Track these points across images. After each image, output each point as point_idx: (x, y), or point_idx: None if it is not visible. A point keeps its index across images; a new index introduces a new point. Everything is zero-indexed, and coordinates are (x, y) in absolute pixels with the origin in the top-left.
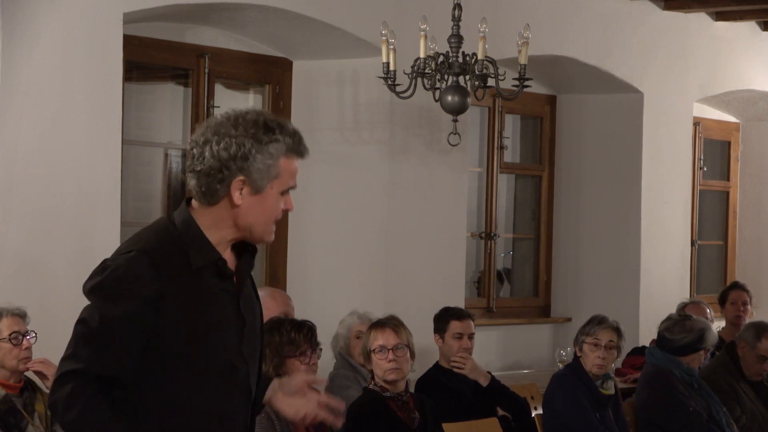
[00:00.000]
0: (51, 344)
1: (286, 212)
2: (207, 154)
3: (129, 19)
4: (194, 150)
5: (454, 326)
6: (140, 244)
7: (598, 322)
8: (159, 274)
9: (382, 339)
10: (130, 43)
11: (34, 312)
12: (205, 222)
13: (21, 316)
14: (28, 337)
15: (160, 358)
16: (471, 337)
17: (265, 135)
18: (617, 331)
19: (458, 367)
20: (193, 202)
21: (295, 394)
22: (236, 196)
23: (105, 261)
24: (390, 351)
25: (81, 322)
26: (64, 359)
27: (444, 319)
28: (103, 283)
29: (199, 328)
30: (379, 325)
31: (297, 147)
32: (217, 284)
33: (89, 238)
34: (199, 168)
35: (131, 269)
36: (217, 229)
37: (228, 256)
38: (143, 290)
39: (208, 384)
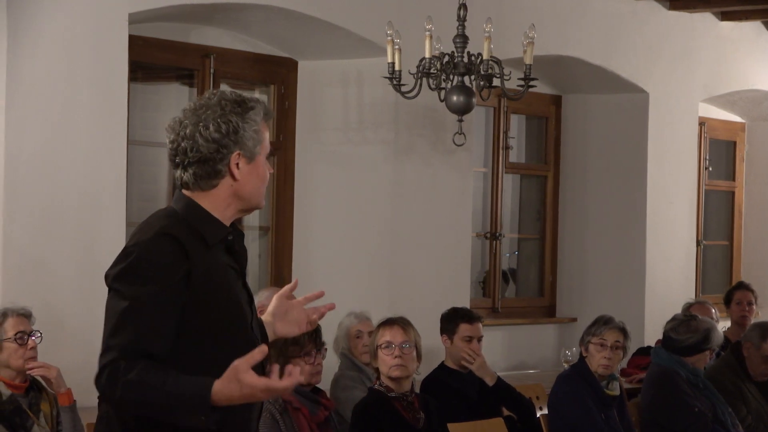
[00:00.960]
0: (56, 344)
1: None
2: (200, 141)
3: (134, 19)
4: (182, 144)
5: (464, 329)
6: (156, 228)
7: (604, 322)
8: (184, 251)
9: (389, 335)
10: (135, 43)
11: (39, 312)
12: (205, 206)
13: (26, 316)
14: (33, 337)
15: (190, 334)
16: (480, 339)
17: (241, 107)
18: (623, 331)
19: (468, 362)
20: (189, 192)
21: (287, 314)
22: (235, 170)
23: (127, 247)
24: (396, 347)
25: (115, 311)
26: (103, 353)
27: (453, 320)
28: (132, 267)
29: (223, 301)
30: (388, 322)
31: (268, 111)
32: (227, 260)
33: (94, 238)
34: (196, 157)
35: (158, 250)
36: (218, 210)
37: None
38: (172, 269)
39: (235, 356)
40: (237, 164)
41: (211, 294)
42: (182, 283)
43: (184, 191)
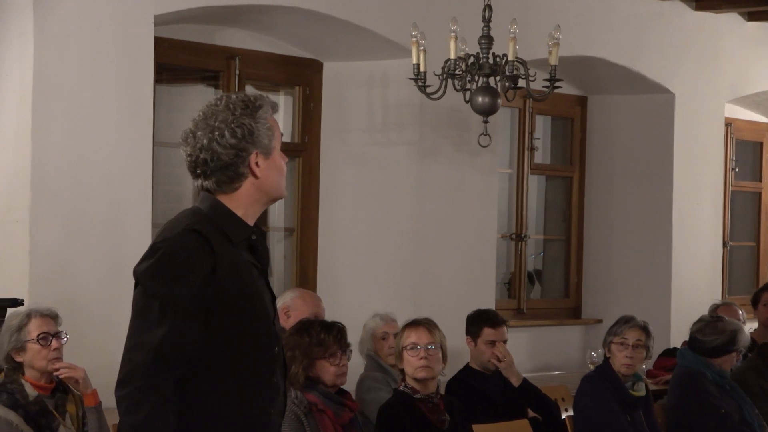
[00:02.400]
0: (82, 345)
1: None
2: (219, 149)
3: (159, 21)
4: (201, 155)
5: (488, 333)
6: (183, 225)
7: (624, 321)
8: (211, 248)
9: (415, 337)
10: (160, 45)
11: (65, 313)
12: (230, 206)
13: (52, 317)
14: (57, 338)
15: (216, 328)
16: (504, 343)
17: (250, 107)
18: (645, 330)
19: (497, 360)
20: (211, 193)
21: None
22: (255, 169)
23: (154, 244)
24: (422, 349)
25: (141, 308)
26: (129, 349)
27: (477, 323)
28: (162, 263)
29: (248, 297)
30: (414, 324)
31: (274, 104)
32: (250, 259)
33: (120, 240)
34: (217, 166)
35: (185, 246)
36: (242, 209)
37: None
38: (200, 265)
39: (260, 354)
40: (256, 163)
41: (236, 290)
42: (209, 279)
43: (209, 192)
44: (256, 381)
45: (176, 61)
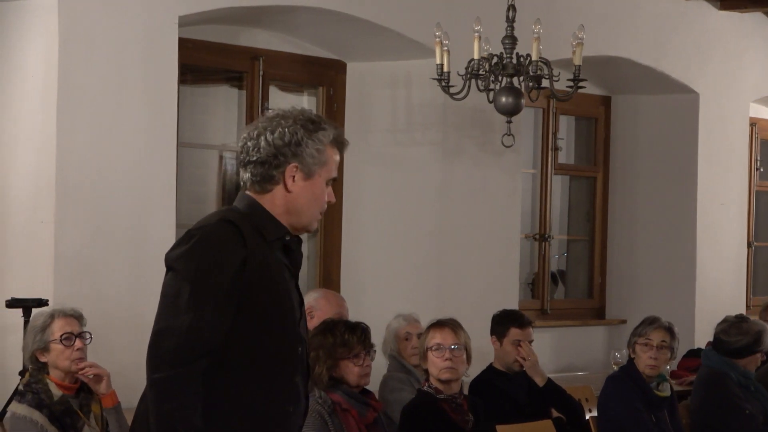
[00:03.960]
0: (106, 345)
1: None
2: (263, 143)
3: (184, 22)
4: (248, 143)
5: (514, 333)
6: (219, 216)
7: (649, 322)
8: (243, 240)
9: (440, 337)
10: (184, 46)
11: (89, 314)
12: (265, 206)
13: (76, 317)
14: (81, 339)
15: (243, 324)
16: (530, 343)
17: (313, 124)
18: (669, 331)
19: (523, 358)
20: (251, 194)
21: None
22: (290, 182)
23: (189, 231)
24: (447, 350)
25: (171, 293)
26: (158, 333)
27: (504, 323)
28: (196, 249)
29: (276, 294)
30: (439, 324)
31: (340, 138)
32: (283, 259)
33: (144, 240)
34: (255, 158)
35: (220, 234)
36: (274, 214)
37: None
38: (233, 253)
39: (283, 353)
40: (293, 177)
41: (265, 285)
42: (239, 270)
43: (247, 192)
44: (277, 379)
45: (200, 62)
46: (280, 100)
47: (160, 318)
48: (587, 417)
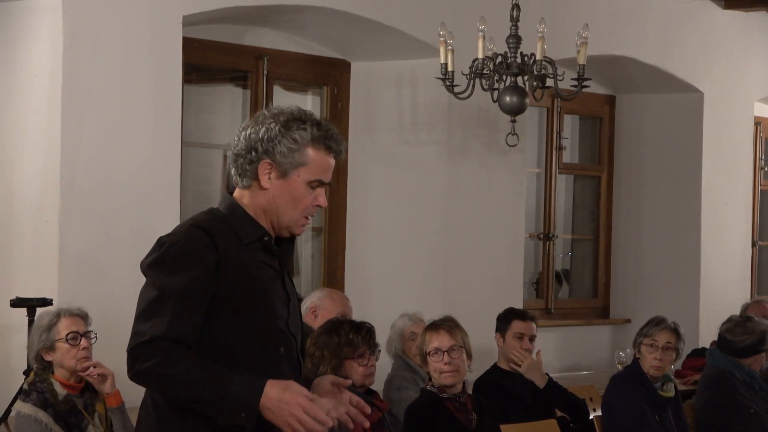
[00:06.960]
0: (112, 344)
1: (316, 208)
2: (242, 137)
3: (188, 21)
4: (235, 138)
5: (517, 326)
6: (191, 222)
7: (656, 323)
8: (214, 243)
9: (437, 341)
10: (189, 45)
11: (94, 313)
12: (246, 204)
13: (81, 316)
14: (86, 338)
15: (217, 324)
16: (532, 339)
17: (294, 122)
18: (675, 332)
19: (516, 363)
20: (236, 191)
21: (325, 395)
22: (264, 179)
23: (160, 238)
24: (445, 353)
25: (146, 299)
26: (130, 337)
27: (507, 318)
28: (166, 256)
29: (252, 293)
30: (434, 327)
31: (325, 140)
32: (265, 258)
33: (149, 239)
34: (234, 151)
35: (190, 240)
36: (251, 209)
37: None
38: (204, 258)
39: (262, 353)
40: (268, 174)
41: (241, 287)
42: (211, 274)
43: (234, 194)
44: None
45: (205, 61)
46: (285, 100)
47: (134, 323)
48: (591, 417)
